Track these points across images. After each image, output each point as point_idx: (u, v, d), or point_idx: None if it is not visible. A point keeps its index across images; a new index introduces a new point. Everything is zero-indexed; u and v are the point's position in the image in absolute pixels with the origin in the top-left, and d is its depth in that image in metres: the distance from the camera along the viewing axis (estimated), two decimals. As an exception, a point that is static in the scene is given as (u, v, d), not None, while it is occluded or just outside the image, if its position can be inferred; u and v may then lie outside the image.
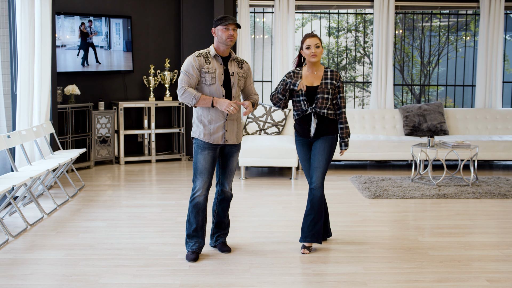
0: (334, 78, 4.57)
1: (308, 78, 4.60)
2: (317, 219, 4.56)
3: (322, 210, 4.59)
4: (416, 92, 12.22)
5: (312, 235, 4.56)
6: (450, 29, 11.63)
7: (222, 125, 4.39)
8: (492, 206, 6.24)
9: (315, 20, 11.51)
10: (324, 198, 4.65)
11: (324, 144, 4.57)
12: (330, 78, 4.57)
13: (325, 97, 4.53)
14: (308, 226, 4.58)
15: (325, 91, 4.54)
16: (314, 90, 4.55)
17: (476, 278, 4.07)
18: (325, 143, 4.57)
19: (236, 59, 4.50)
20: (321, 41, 4.57)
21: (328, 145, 4.57)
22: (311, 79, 4.60)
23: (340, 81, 4.59)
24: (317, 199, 4.56)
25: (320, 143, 4.58)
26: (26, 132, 6.07)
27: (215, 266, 4.29)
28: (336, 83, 4.57)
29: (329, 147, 4.58)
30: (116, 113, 8.64)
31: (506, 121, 8.92)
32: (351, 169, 8.43)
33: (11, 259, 4.43)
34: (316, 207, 4.56)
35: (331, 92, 4.54)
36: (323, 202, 4.62)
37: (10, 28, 6.30)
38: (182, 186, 7.14)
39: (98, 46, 8.47)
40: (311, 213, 4.58)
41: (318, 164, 4.56)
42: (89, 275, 4.07)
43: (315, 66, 4.60)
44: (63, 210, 5.95)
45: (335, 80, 4.57)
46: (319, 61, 4.60)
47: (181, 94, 4.30)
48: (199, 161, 4.40)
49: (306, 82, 4.58)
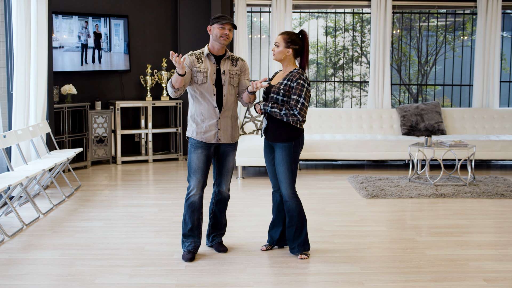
0: (290, 78, 4.30)
1: (278, 77, 4.45)
2: (300, 229, 4.45)
3: (302, 217, 4.44)
4: (414, 92, 12.23)
5: (299, 245, 4.46)
6: (447, 29, 11.63)
7: (215, 124, 4.38)
8: (489, 205, 6.24)
9: (312, 20, 11.50)
10: (299, 207, 4.43)
11: (281, 154, 4.34)
12: (288, 79, 4.32)
13: (274, 97, 4.30)
14: (293, 238, 4.47)
15: (275, 91, 4.31)
16: (271, 89, 4.40)
17: (473, 277, 4.07)
18: (282, 152, 4.34)
19: (231, 57, 4.47)
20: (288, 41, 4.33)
21: (286, 154, 4.33)
22: (278, 78, 4.44)
23: (297, 82, 4.26)
24: (293, 210, 4.43)
25: (277, 153, 4.37)
26: (22, 132, 6.05)
27: (212, 265, 4.27)
28: (291, 84, 4.28)
29: (288, 157, 4.33)
30: (113, 112, 8.62)
31: (503, 120, 8.92)
32: (348, 168, 8.43)
33: (7, 259, 4.41)
34: (295, 217, 4.44)
35: (282, 93, 4.29)
36: (300, 210, 4.43)
37: (6, 27, 6.28)
38: (179, 186, 7.13)
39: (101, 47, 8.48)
40: (292, 224, 4.46)
41: (281, 176, 4.38)
42: (85, 275, 4.06)
43: (283, 66, 4.43)
44: (59, 210, 5.93)
45: (291, 81, 4.29)
46: (285, 61, 4.38)
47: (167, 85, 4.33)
48: (193, 160, 4.39)
49: (274, 81, 4.44)
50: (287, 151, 4.35)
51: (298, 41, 4.39)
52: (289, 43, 4.36)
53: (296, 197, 4.44)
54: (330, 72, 12.48)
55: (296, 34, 4.42)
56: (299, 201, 4.46)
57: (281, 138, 4.35)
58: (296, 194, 4.45)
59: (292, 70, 4.38)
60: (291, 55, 4.39)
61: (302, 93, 4.27)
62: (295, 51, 4.40)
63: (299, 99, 4.26)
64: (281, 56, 4.39)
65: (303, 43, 4.41)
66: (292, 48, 4.37)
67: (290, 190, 4.40)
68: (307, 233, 4.50)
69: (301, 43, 4.41)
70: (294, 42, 4.37)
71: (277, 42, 4.38)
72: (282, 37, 4.37)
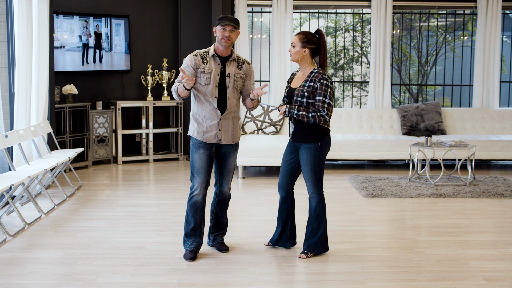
0: (313, 79, 4.29)
1: (297, 79, 4.43)
2: (316, 229, 4.46)
3: (320, 219, 4.44)
4: (414, 92, 12.24)
5: (308, 245, 4.48)
6: (448, 29, 11.64)
7: (216, 124, 4.38)
8: (489, 205, 6.25)
9: (312, 20, 11.52)
10: (321, 207, 4.43)
11: (306, 155, 4.35)
12: (310, 80, 4.29)
13: (299, 100, 4.28)
14: (308, 236, 4.49)
15: (299, 94, 4.29)
16: (293, 92, 4.36)
17: (473, 277, 4.08)
18: (307, 153, 4.34)
19: (237, 59, 4.44)
20: (304, 41, 4.30)
21: (311, 155, 4.33)
22: (298, 80, 4.41)
23: (321, 83, 4.26)
24: (313, 209, 4.44)
25: (302, 153, 4.38)
26: (24, 132, 6.06)
27: (213, 265, 4.29)
28: (315, 85, 4.27)
29: (312, 158, 4.33)
30: (114, 112, 8.64)
31: (503, 120, 8.93)
32: (349, 168, 8.44)
33: (9, 258, 4.43)
34: (313, 217, 4.45)
35: (307, 95, 4.27)
36: (320, 211, 4.44)
37: (8, 27, 6.30)
38: (180, 185, 7.15)
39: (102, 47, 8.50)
40: (310, 223, 4.49)
41: (305, 176, 4.40)
42: (87, 274, 4.07)
43: (301, 67, 4.41)
44: (61, 210, 5.95)
45: (314, 82, 4.28)
46: (303, 61, 4.36)
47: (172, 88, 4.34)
48: (195, 160, 4.40)
49: (294, 84, 4.41)
50: (313, 152, 4.33)
51: (314, 41, 4.34)
52: (305, 42, 4.32)
53: (318, 197, 4.41)
54: (330, 72, 12.50)
55: (312, 33, 4.37)
56: (320, 202, 4.43)
57: (308, 139, 4.34)
58: (319, 194, 4.42)
59: (312, 70, 4.35)
60: (308, 55, 4.35)
61: (327, 93, 4.26)
62: (312, 51, 4.36)
63: (325, 99, 4.26)
64: (298, 57, 4.35)
65: (319, 42, 4.37)
66: (309, 48, 4.33)
67: (314, 189, 4.39)
68: (322, 236, 4.46)
69: (318, 42, 4.36)
70: (311, 41, 4.33)
71: (293, 42, 4.35)
72: (298, 37, 4.33)
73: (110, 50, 8.63)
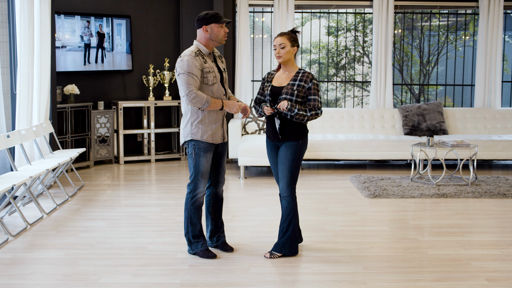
0: (304, 79, 4.35)
1: (279, 78, 4.46)
2: (285, 229, 4.44)
3: (290, 220, 4.41)
4: (415, 92, 12.23)
5: (275, 245, 4.46)
6: (450, 29, 11.63)
7: (221, 124, 4.41)
8: (491, 205, 6.24)
9: (314, 20, 11.51)
10: (291, 208, 4.41)
11: (286, 152, 4.37)
12: (299, 80, 4.35)
13: (288, 98, 4.31)
14: (278, 236, 4.48)
15: (289, 92, 4.32)
16: (279, 90, 4.38)
17: (475, 277, 4.08)
18: (287, 150, 4.36)
19: (219, 54, 4.50)
20: (292, 40, 4.36)
21: (291, 152, 4.36)
22: (281, 80, 4.44)
23: (313, 83, 4.34)
24: (284, 209, 4.43)
25: (282, 151, 4.40)
26: (26, 132, 6.07)
27: (215, 265, 4.29)
28: (306, 85, 4.34)
29: (292, 155, 4.35)
30: (116, 112, 8.64)
31: (505, 120, 8.92)
32: (351, 168, 8.44)
33: (11, 258, 4.43)
34: (284, 218, 4.44)
35: (296, 93, 4.32)
36: (291, 211, 4.40)
37: (10, 28, 6.30)
38: (181, 185, 7.14)
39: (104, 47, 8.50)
40: (280, 223, 4.49)
41: (281, 174, 4.40)
42: (89, 275, 4.07)
43: (286, 67, 4.44)
44: (63, 210, 5.95)
45: (305, 82, 4.34)
46: (289, 61, 4.39)
47: (192, 98, 4.17)
48: (202, 164, 4.34)
49: (276, 82, 4.44)
50: (294, 149, 4.37)
51: (297, 40, 4.45)
52: (293, 41, 4.40)
53: (289, 197, 4.41)
54: (332, 72, 12.50)
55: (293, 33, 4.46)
56: (292, 202, 4.42)
57: (291, 136, 4.38)
58: (291, 194, 4.41)
59: (298, 70, 4.42)
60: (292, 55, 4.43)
61: (318, 92, 4.41)
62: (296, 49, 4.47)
63: (318, 98, 4.39)
64: (290, 56, 4.40)
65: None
66: (297, 46, 4.42)
67: (287, 189, 4.40)
68: (290, 237, 4.43)
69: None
70: (296, 40, 4.43)
71: (282, 43, 4.36)
72: (286, 37, 4.37)
73: (112, 50, 8.64)
